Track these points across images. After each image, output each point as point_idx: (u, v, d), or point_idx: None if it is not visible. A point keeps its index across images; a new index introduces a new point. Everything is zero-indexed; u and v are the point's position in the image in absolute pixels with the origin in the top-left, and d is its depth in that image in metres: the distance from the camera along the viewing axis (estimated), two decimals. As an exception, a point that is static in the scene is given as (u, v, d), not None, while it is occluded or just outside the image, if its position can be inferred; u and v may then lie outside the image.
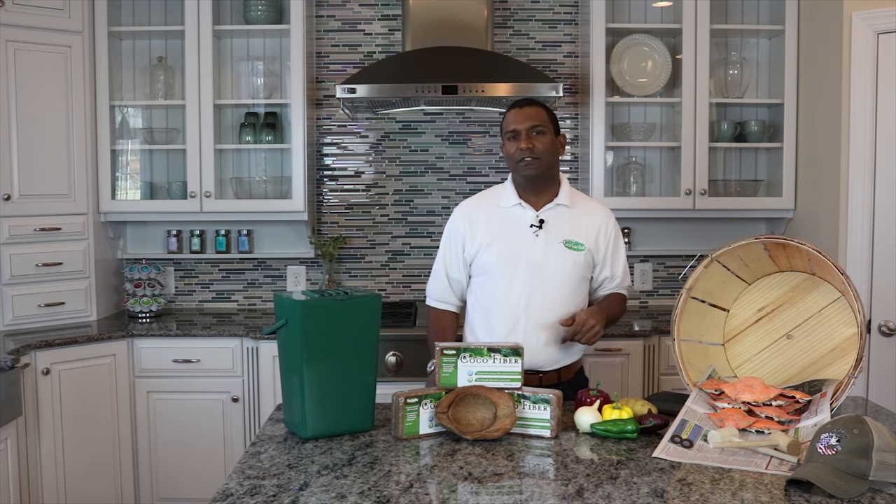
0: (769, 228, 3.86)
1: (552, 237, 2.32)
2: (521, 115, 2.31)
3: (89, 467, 3.26)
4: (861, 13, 3.08)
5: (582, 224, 2.37)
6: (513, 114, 2.33)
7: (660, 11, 3.83)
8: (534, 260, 2.31)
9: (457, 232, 2.41)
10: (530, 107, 2.33)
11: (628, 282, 2.52)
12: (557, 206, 2.35)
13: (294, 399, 1.94)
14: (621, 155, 3.91)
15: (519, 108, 2.33)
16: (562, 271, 2.32)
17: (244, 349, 3.38)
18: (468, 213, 2.41)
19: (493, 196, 2.44)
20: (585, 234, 2.36)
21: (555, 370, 2.36)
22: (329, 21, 3.89)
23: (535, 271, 2.30)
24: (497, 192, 2.44)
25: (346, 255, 3.97)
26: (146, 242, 3.93)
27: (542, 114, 2.33)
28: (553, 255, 2.31)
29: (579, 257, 2.34)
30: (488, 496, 1.59)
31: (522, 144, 2.28)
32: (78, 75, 3.47)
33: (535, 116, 2.31)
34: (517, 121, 2.31)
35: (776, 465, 1.70)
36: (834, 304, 2.10)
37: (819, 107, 3.42)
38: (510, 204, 2.36)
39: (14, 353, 2.94)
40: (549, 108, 2.38)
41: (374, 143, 3.93)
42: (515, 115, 2.32)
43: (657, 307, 3.95)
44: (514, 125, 2.31)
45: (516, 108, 2.34)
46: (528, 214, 2.34)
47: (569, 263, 2.32)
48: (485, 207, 2.41)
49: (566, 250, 2.32)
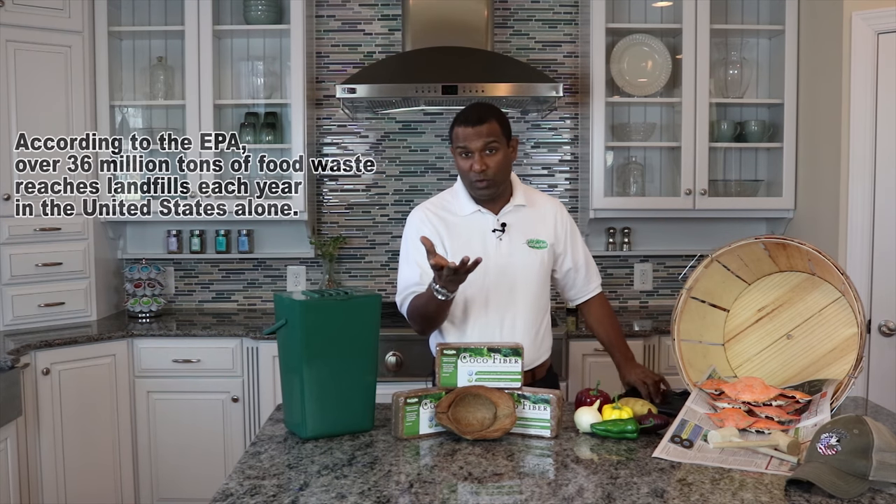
0: (769, 228, 3.86)
1: (515, 239, 2.29)
2: (472, 134, 2.18)
3: (89, 467, 3.26)
4: (861, 13, 3.08)
5: (540, 220, 2.34)
6: (463, 131, 2.19)
7: (660, 11, 3.83)
8: (500, 264, 2.26)
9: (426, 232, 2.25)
10: (482, 124, 2.18)
11: (597, 277, 2.47)
12: (516, 208, 2.31)
13: (294, 399, 1.94)
14: (621, 155, 3.91)
15: (471, 125, 2.19)
16: (529, 271, 2.29)
17: (244, 349, 3.38)
18: (430, 219, 2.30)
19: (447, 204, 2.34)
20: (545, 230, 2.33)
21: (530, 370, 2.32)
22: (329, 21, 3.89)
23: (503, 275, 2.26)
24: (451, 200, 2.35)
25: (346, 255, 3.97)
26: (146, 242, 3.93)
27: (495, 128, 2.20)
28: (518, 257, 2.28)
29: (543, 254, 2.32)
30: (488, 496, 1.59)
31: (476, 166, 2.19)
32: (78, 75, 3.47)
33: (487, 133, 2.18)
34: (468, 139, 2.18)
35: (776, 465, 1.70)
36: (834, 304, 2.10)
37: (819, 107, 3.42)
38: (469, 211, 2.30)
39: (14, 353, 2.94)
40: (500, 114, 2.25)
41: (374, 143, 3.94)
42: (466, 133, 2.19)
43: (657, 307, 3.95)
44: (464, 142, 2.19)
45: (468, 126, 2.19)
46: (488, 220, 2.29)
47: (535, 262, 2.30)
48: (443, 217, 2.31)
49: (530, 250, 2.30)
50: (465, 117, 2.22)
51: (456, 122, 2.23)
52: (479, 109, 2.23)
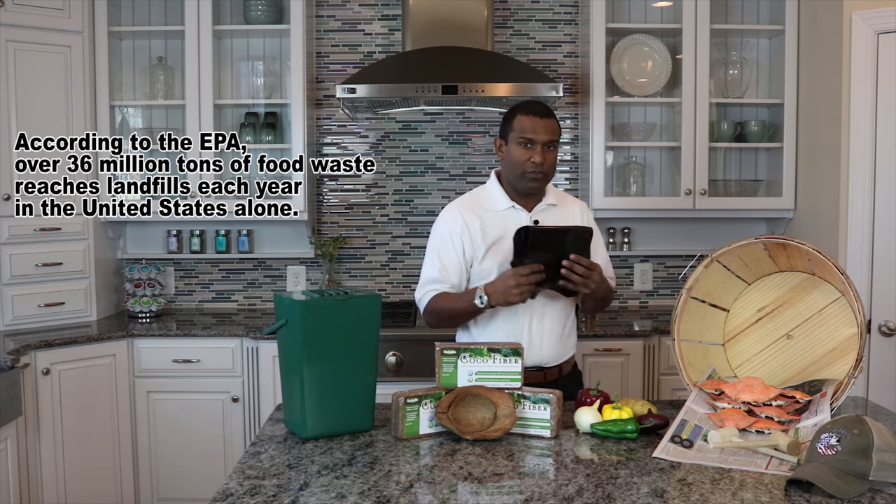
0: (769, 228, 3.86)
1: None
2: (541, 127, 2.23)
3: (89, 467, 3.26)
4: (861, 13, 3.07)
5: (568, 220, 2.36)
6: (531, 121, 2.24)
7: (660, 11, 3.83)
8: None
9: (454, 234, 2.32)
10: (549, 119, 2.25)
11: (613, 281, 2.48)
12: (548, 207, 2.35)
13: (294, 399, 1.94)
14: (621, 155, 3.91)
15: (539, 117, 2.24)
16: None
17: (244, 349, 3.38)
18: (463, 216, 2.33)
19: (481, 199, 2.37)
20: None
21: (557, 365, 2.37)
22: (329, 21, 3.90)
23: None
24: (484, 196, 2.38)
25: (346, 255, 3.97)
26: (146, 242, 3.93)
27: (557, 127, 2.28)
28: None
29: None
30: (488, 496, 1.59)
31: (537, 158, 2.23)
32: (78, 75, 3.47)
33: (553, 130, 2.25)
34: (536, 131, 2.23)
35: (776, 465, 1.70)
36: (834, 304, 2.10)
37: (819, 107, 3.42)
38: (503, 207, 2.33)
39: (14, 353, 2.94)
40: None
41: (374, 143, 3.94)
42: (535, 124, 2.23)
43: (657, 307, 3.95)
44: (531, 134, 2.23)
45: (536, 117, 2.24)
46: (521, 216, 2.32)
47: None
48: (478, 212, 2.34)
49: None
50: (533, 109, 2.27)
51: (520, 112, 2.27)
52: (544, 105, 2.29)
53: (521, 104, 2.31)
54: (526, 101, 2.36)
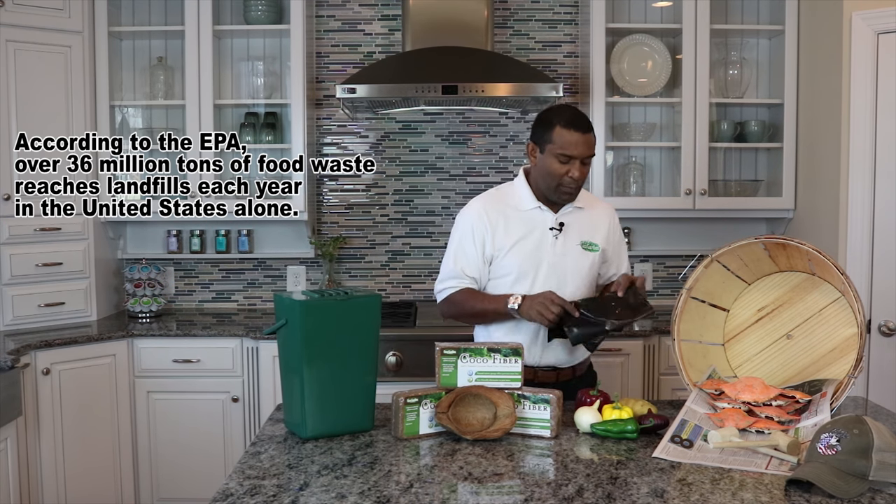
0: (769, 228, 3.86)
1: (570, 239, 2.33)
2: (582, 143, 2.20)
3: (89, 467, 3.26)
4: (861, 13, 3.07)
5: (595, 224, 2.39)
6: (573, 137, 2.20)
7: (660, 11, 3.83)
8: (553, 262, 2.31)
9: (476, 230, 2.32)
10: (590, 133, 2.23)
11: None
12: (575, 209, 2.36)
13: (294, 399, 1.94)
14: (621, 155, 3.91)
15: (581, 132, 2.21)
16: (580, 272, 2.34)
17: (244, 349, 3.38)
18: (487, 212, 2.33)
19: (507, 197, 2.37)
20: (599, 234, 2.39)
21: (571, 367, 2.39)
22: (329, 21, 3.89)
23: (555, 273, 2.31)
24: (511, 193, 2.37)
25: (346, 255, 3.97)
26: (146, 242, 3.93)
27: (595, 140, 2.27)
28: (571, 257, 2.33)
29: (595, 257, 2.37)
30: (488, 496, 1.59)
31: (575, 173, 2.22)
32: (78, 75, 3.47)
33: (592, 145, 2.24)
34: (577, 146, 2.20)
35: (776, 465, 1.70)
36: (834, 304, 2.10)
37: (819, 107, 3.42)
38: (529, 206, 2.33)
39: (14, 353, 2.94)
40: None
41: (374, 143, 3.94)
42: (576, 139, 2.20)
43: (657, 307, 3.86)
44: (573, 150, 2.20)
45: (579, 133, 2.20)
46: (547, 217, 2.33)
47: (586, 264, 2.35)
48: (502, 209, 2.33)
49: (583, 251, 2.35)
50: (576, 123, 2.22)
51: (561, 124, 2.21)
52: (586, 118, 2.26)
53: (561, 112, 2.26)
54: (565, 108, 2.29)
